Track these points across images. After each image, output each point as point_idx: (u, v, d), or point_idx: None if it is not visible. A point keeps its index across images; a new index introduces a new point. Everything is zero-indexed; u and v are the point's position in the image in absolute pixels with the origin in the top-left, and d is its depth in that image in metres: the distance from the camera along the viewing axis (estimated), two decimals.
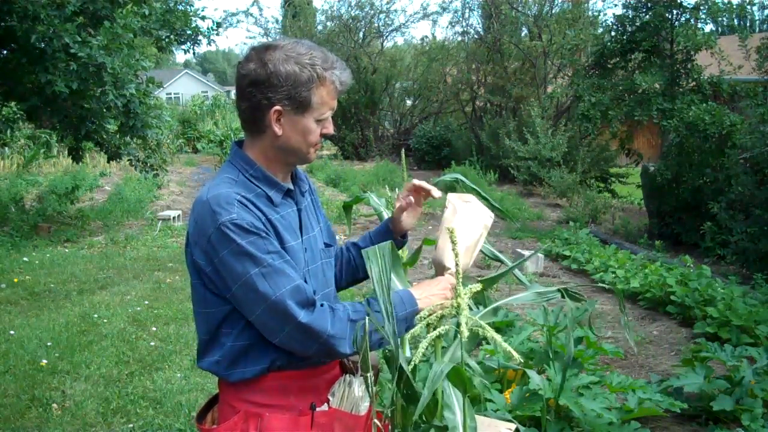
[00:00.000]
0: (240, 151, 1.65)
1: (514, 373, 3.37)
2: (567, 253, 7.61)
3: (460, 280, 1.52)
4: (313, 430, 1.60)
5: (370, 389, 1.52)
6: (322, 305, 1.54)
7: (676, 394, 3.63)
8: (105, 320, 5.51)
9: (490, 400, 3.04)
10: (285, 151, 1.62)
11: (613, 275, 6.48)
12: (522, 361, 1.55)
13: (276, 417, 1.58)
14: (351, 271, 1.93)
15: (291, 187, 1.68)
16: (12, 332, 5.16)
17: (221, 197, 1.52)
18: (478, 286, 1.57)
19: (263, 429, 1.58)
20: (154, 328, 5.35)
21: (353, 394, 1.66)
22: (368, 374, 1.51)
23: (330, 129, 1.63)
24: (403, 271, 1.86)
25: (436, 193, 1.79)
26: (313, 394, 1.64)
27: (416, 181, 1.82)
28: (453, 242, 1.51)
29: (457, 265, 1.52)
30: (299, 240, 1.64)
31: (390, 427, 1.60)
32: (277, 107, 1.56)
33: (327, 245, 1.79)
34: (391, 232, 1.89)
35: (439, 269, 1.74)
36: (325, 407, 1.64)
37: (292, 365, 1.60)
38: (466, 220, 1.82)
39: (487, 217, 1.87)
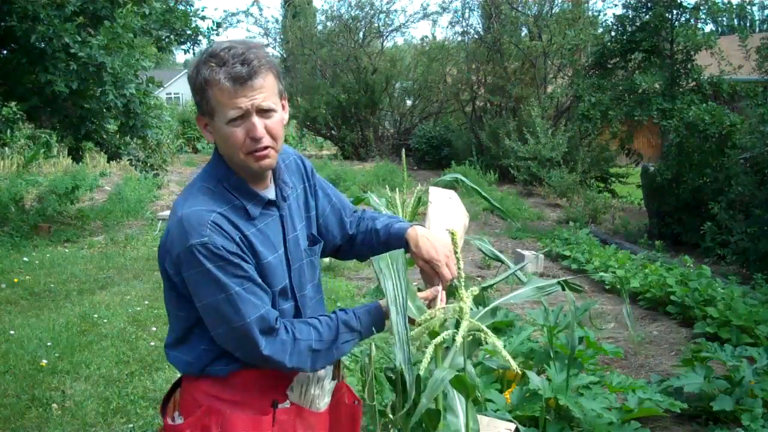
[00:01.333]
0: (220, 158, 1.59)
1: (514, 373, 3.37)
2: (567, 253, 7.61)
3: (462, 282, 1.52)
4: (274, 428, 1.59)
5: (377, 421, 1.52)
6: (287, 330, 1.52)
7: (676, 394, 3.63)
8: (105, 320, 5.51)
9: (490, 400, 3.04)
10: (227, 159, 1.57)
11: (613, 275, 6.48)
12: (519, 371, 1.54)
13: (237, 416, 1.57)
14: (372, 252, 1.81)
15: (271, 197, 1.62)
16: (12, 332, 5.16)
17: (194, 217, 1.49)
18: (476, 290, 1.57)
19: (224, 426, 1.56)
20: (154, 328, 5.35)
21: (310, 392, 1.65)
22: (374, 403, 1.52)
23: (255, 132, 1.48)
24: None
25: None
26: (275, 391, 1.62)
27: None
28: (455, 244, 1.50)
29: (459, 268, 1.51)
30: (280, 251, 1.61)
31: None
32: (198, 115, 1.56)
33: (313, 241, 1.73)
34: (406, 249, 1.74)
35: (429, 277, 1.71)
36: (287, 404, 1.62)
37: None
38: (449, 218, 1.80)
39: (465, 216, 1.87)
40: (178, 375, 1.69)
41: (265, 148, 1.52)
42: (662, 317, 5.65)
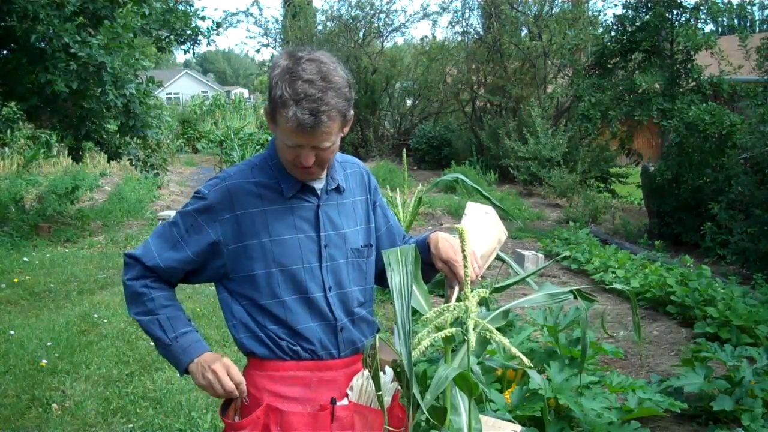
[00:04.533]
0: (274, 141, 1.73)
1: (514, 373, 3.37)
2: (567, 253, 7.61)
3: (469, 283, 1.51)
4: (333, 425, 1.62)
5: (383, 406, 1.53)
6: (146, 284, 1.67)
7: (676, 394, 3.63)
8: (105, 320, 5.51)
9: (490, 400, 3.03)
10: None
11: (613, 275, 6.47)
12: (531, 365, 1.54)
13: (295, 414, 1.62)
14: None
15: (313, 183, 1.69)
16: (12, 332, 5.16)
17: (224, 173, 1.70)
18: (485, 291, 1.57)
19: (283, 424, 1.61)
20: None
21: (370, 389, 1.67)
22: (381, 394, 1.53)
23: (305, 162, 1.59)
24: None
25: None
26: (333, 387, 1.66)
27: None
28: (463, 242, 1.50)
29: (465, 267, 1.51)
30: (303, 235, 1.67)
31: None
32: (266, 107, 1.64)
33: (367, 246, 1.77)
34: (429, 257, 1.75)
35: (450, 277, 1.72)
36: (345, 401, 1.66)
37: (296, 353, 1.65)
38: (482, 231, 1.81)
39: (502, 232, 1.87)
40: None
41: (311, 169, 1.63)
42: (662, 317, 5.65)
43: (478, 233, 1.79)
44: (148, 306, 1.67)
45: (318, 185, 1.70)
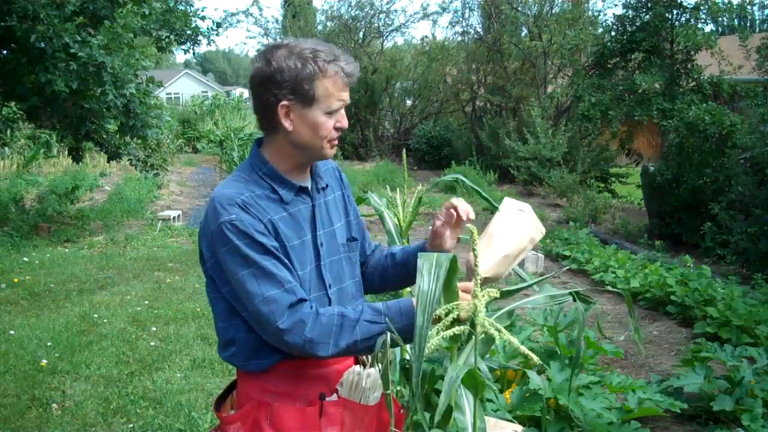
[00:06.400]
0: (257, 150, 1.71)
1: (514, 373, 3.37)
2: (567, 253, 7.61)
3: (479, 280, 1.51)
4: (322, 420, 1.63)
5: (390, 406, 1.52)
6: (311, 306, 1.56)
7: (676, 394, 3.63)
8: (105, 320, 5.51)
9: (490, 400, 3.04)
10: (299, 147, 1.66)
11: (613, 275, 6.47)
12: (540, 362, 1.54)
13: (284, 407, 1.62)
14: (383, 280, 1.93)
15: (305, 184, 1.71)
16: (12, 332, 5.16)
17: (225, 197, 1.60)
18: (495, 291, 1.56)
19: (272, 418, 1.62)
20: (154, 328, 5.35)
21: (361, 385, 1.68)
22: (389, 391, 1.53)
23: (343, 122, 1.65)
24: None
25: (470, 215, 1.74)
26: (323, 383, 1.67)
27: (455, 200, 1.75)
28: (473, 240, 1.50)
29: (476, 265, 1.51)
30: (307, 237, 1.68)
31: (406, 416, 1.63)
32: (284, 102, 1.61)
33: (352, 239, 1.81)
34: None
35: (469, 272, 1.70)
36: (334, 397, 1.67)
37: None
38: (514, 228, 1.78)
39: (538, 231, 1.82)
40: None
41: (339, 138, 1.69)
42: (662, 317, 5.65)
43: (508, 231, 1.76)
44: (345, 323, 1.56)
45: (309, 184, 1.73)
